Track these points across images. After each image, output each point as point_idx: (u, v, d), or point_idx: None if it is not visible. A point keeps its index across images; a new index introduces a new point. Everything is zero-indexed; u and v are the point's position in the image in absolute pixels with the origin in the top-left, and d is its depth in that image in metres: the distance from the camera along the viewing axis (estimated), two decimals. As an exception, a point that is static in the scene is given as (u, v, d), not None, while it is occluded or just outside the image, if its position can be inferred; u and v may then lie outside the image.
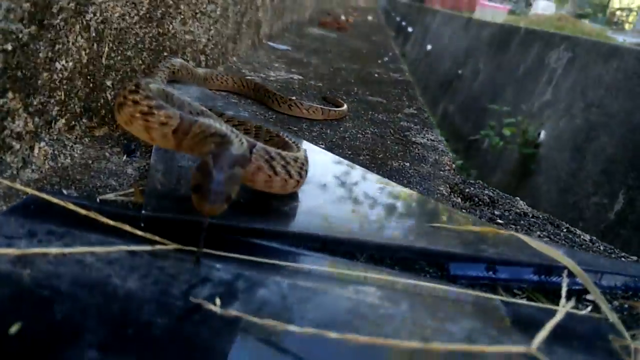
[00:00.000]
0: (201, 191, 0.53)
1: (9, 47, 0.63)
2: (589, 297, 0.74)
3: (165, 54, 1.16)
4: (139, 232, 0.57)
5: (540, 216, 1.04)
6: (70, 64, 0.78)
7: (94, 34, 0.84)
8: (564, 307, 0.57)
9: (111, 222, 0.57)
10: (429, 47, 16.56)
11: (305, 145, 1.03)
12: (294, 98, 1.33)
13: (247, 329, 0.46)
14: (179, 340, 0.43)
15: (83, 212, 0.58)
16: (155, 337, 0.43)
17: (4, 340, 0.40)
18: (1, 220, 0.55)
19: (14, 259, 0.49)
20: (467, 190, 1.09)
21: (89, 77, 0.85)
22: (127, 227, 0.57)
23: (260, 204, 0.69)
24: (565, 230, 0.99)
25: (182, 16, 1.23)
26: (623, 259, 0.90)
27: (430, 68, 15.25)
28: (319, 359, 0.46)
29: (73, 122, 0.81)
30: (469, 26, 12.64)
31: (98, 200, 0.66)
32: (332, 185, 0.84)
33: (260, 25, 2.20)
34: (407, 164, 1.12)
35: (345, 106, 1.42)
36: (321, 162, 0.95)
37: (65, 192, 0.67)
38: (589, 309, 0.68)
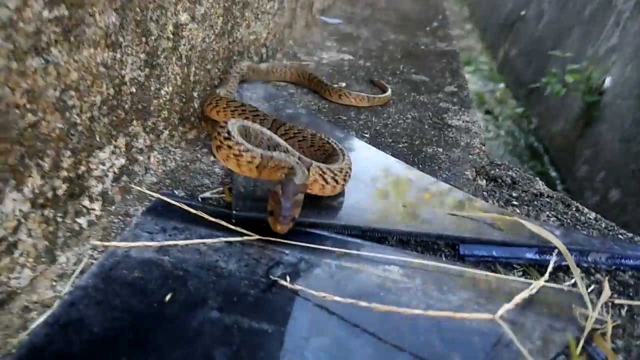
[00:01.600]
0: (274, 215, 0.76)
1: (133, 89, 0.88)
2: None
3: (234, 58, 1.38)
4: (232, 227, 0.82)
5: (555, 196, 1.21)
6: (170, 88, 1.02)
7: (185, 60, 1.07)
8: (537, 282, 0.78)
9: (212, 219, 0.83)
10: (490, -16, 15.57)
11: (352, 140, 1.24)
12: (343, 87, 1.53)
13: (308, 298, 0.71)
14: (265, 305, 0.68)
15: (192, 211, 0.84)
16: (250, 302, 0.68)
17: (162, 305, 0.66)
18: (142, 220, 0.82)
19: (157, 249, 0.75)
20: (492, 172, 1.27)
21: (182, 95, 1.09)
22: (224, 223, 0.82)
23: (316, 201, 0.93)
24: (574, 209, 1.17)
25: (246, 22, 1.44)
26: (620, 236, 1.07)
27: (491, 9, 14.47)
28: (356, 322, 0.70)
29: (173, 132, 1.06)
30: (533, -38, 11.77)
31: (199, 198, 0.91)
32: (370, 180, 1.06)
33: (313, 3, 2.36)
34: (440, 150, 1.31)
35: (389, 92, 1.60)
36: (364, 157, 1.16)
37: (176, 192, 0.93)
38: (573, 281, 0.87)
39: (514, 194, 1.18)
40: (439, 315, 0.68)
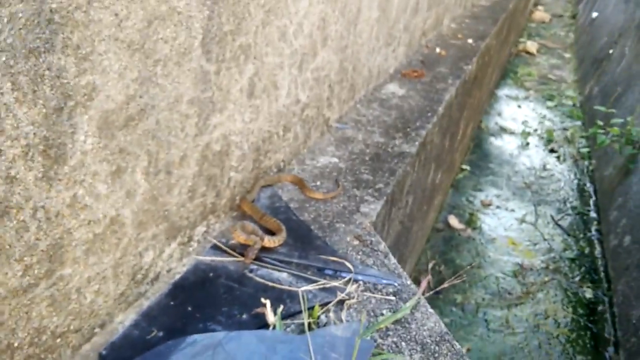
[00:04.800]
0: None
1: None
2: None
3: (261, 174, 3.12)
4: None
5: (384, 250, 2.79)
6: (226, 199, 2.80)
7: (232, 183, 2.84)
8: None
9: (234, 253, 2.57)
10: (594, 14, 16.02)
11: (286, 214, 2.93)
12: (316, 185, 3.20)
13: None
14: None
15: (226, 249, 2.59)
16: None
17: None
18: (206, 252, 2.59)
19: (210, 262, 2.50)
20: (364, 238, 2.88)
21: (233, 199, 2.85)
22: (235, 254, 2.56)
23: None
24: (388, 258, 2.75)
25: (269, 159, 3.17)
26: (394, 273, 2.64)
27: (591, 40, 14.89)
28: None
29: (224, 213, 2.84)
30: (630, -5, 12.28)
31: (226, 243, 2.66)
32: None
33: (329, 118, 4.03)
34: (343, 225, 2.94)
35: (339, 188, 3.23)
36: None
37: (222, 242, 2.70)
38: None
39: (365, 250, 2.78)
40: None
